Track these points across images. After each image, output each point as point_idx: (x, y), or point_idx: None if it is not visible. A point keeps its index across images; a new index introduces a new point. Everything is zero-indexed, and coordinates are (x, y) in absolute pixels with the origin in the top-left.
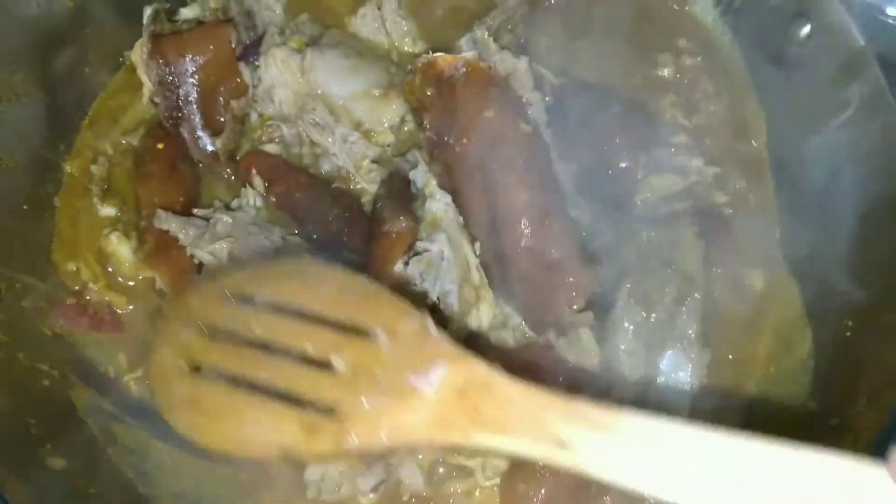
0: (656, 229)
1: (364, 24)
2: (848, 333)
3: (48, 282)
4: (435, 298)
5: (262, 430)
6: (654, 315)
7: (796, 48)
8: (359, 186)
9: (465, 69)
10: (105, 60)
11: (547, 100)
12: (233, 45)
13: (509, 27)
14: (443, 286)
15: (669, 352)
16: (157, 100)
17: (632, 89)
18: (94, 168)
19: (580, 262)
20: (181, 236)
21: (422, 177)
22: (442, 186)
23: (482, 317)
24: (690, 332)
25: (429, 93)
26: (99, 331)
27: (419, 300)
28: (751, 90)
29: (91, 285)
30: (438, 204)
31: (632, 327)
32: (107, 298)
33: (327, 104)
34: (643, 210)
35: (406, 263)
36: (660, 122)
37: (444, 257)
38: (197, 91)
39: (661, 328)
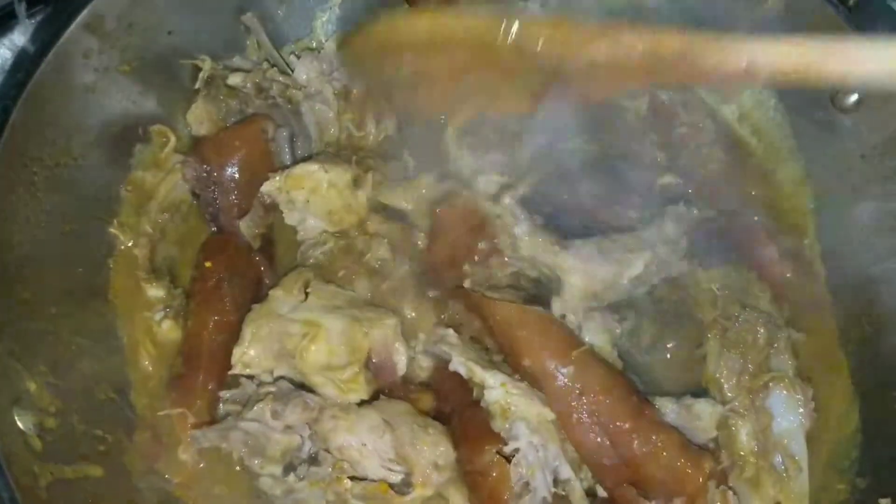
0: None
1: None
2: None
3: (101, 343)
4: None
5: None
6: (750, 358)
7: (842, 116)
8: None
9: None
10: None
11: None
12: (269, 137)
13: None
14: (559, 475)
15: (776, 392)
16: (196, 191)
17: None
18: (136, 251)
19: (690, 451)
20: (224, 446)
21: (463, 368)
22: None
23: None
24: (789, 369)
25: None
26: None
27: None
28: (794, 154)
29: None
30: (497, 392)
31: (734, 377)
32: None
33: None
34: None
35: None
36: (644, 166)
37: (537, 448)
38: (233, 184)
39: (760, 371)
